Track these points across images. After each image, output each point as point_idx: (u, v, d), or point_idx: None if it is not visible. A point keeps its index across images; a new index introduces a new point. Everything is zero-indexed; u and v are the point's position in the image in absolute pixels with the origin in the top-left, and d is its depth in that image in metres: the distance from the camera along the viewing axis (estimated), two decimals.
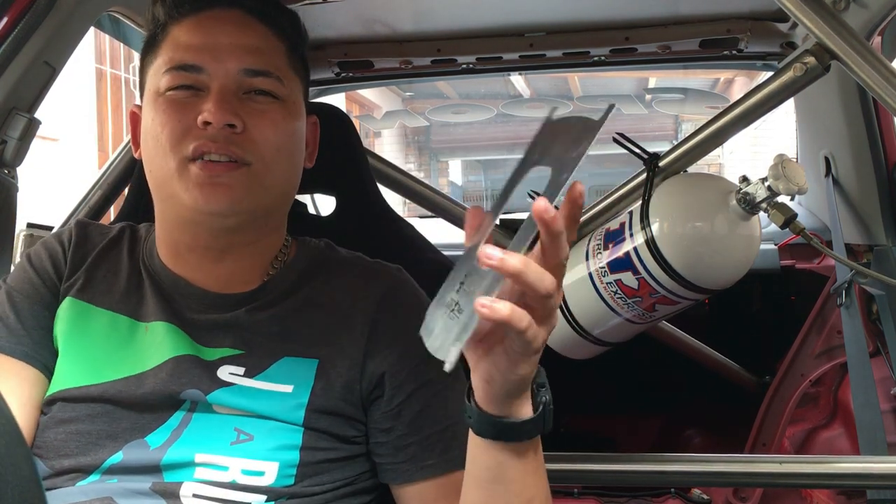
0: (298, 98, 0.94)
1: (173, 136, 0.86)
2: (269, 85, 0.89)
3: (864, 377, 1.67)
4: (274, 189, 0.91)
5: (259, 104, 0.89)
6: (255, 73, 0.89)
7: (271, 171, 0.89)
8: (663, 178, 1.39)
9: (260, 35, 0.91)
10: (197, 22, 0.90)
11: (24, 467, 0.48)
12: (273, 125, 0.89)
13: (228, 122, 0.85)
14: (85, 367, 0.89)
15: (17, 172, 1.32)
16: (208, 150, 0.85)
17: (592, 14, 1.69)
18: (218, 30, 0.89)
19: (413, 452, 0.88)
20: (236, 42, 0.89)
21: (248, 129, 0.87)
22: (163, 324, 0.90)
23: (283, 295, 0.93)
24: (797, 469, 1.43)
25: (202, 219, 0.88)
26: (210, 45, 0.88)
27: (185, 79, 0.88)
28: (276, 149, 0.89)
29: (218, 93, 0.86)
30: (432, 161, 12.27)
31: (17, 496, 0.46)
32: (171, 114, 0.87)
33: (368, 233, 1.18)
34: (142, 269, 0.96)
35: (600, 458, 1.53)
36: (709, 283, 1.30)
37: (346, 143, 1.18)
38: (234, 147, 0.86)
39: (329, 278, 0.95)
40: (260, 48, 0.90)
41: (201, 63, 0.88)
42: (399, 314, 0.92)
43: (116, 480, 0.83)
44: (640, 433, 2.27)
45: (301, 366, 0.88)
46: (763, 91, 1.32)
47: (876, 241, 1.74)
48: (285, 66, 0.93)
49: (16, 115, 1.25)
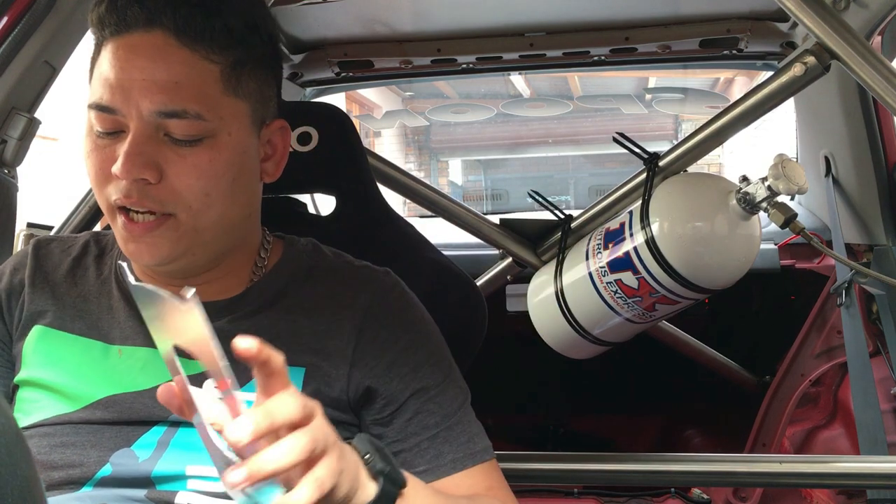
0: (236, 127, 0.83)
1: (97, 180, 0.82)
2: (185, 128, 0.79)
3: (864, 377, 1.67)
4: (213, 229, 0.84)
5: (180, 149, 0.80)
6: (168, 115, 0.79)
7: (203, 215, 0.82)
8: (663, 178, 1.39)
9: (180, 63, 0.79)
10: (115, 50, 0.81)
11: (24, 467, 0.48)
12: (196, 171, 0.80)
13: (138, 176, 0.79)
14: (63, 397, 0.87)
15: (17, 172, 1.32)
16: (125, 205, 0.80)
17: (592, 14, 1.69)
18: (131, 63, 0.79)
19: (403, 459, 0.87)
20: (149, 78, 0.79)
21: (167, 177, 0.80)
22: (143, 349, 0.88)
23: (267, 303, 0.90)
24: (797, 469, 1.43)
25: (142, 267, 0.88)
26: (124, 82, 0.79)
27: (104, 120, 0.81)
28: (203, 194, 0.81)
29: (131, 142, 0.79)
30: (432, 161, 12.26)
31: (17, 496, 0.46)
32: (93, 158, 0.82)
33: (368, 233, 1.18)
34: (113, 284, 0.93)
35: (600, 458, 1.53)
36: (709, 282, 1.30)
37: (346, 143, 1.18)
38: (148, 201, 0.80)
39: (315, 285, 0.92)
40: (178, 83, 0.79)
41: (114, 105, 0.80)
42: (387, 321, 0.90)
43: (110, 490, 0.82)
44: (640, 433, 2.27)
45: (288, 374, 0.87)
46: (763, 91, 1.32)
47: (876, 241, 1.74)
48: (219, 92, 0.81)
49: (16, 115, 1.26)
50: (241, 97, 0.84)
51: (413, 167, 11.32)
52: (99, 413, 0.85)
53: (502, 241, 1.67)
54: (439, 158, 12.23)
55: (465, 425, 0.89)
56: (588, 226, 1.54)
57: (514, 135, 10.62)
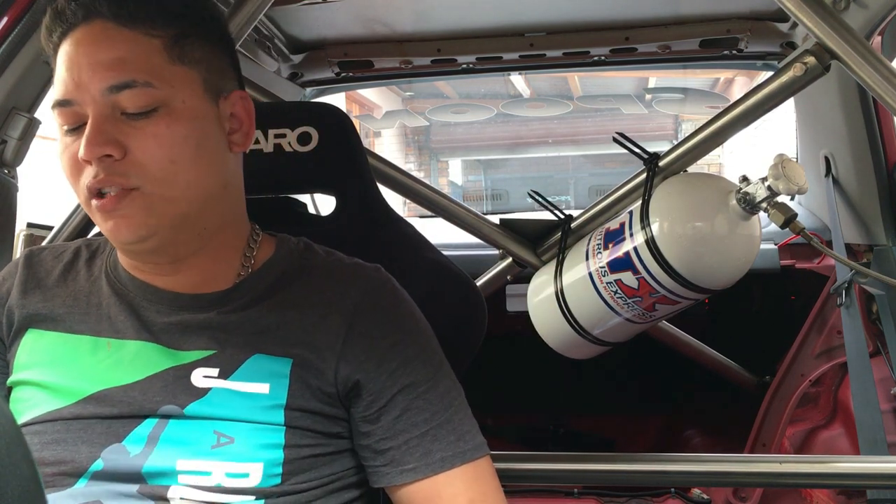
0: (189, 94, 0.85)
1: (71, 176, 0.85)
2: (137, 97, 0.82)
3: (864, 377, 1.67)
4: (183, 199, 0.85)
5: (136, 122, 0.82)
6: (118, 88, 0.82)
7: (170, 186, 0.84)
8: (663, 178, 1.39)
9: (122, 41, 0.83)
10: (65, 49, 0.85)
11: (24, 467, 0.48)
12: (156, 140, 0.83)
13: (102, 153, 0.81)
14: (54, 394, 0.88)
15: (17, 172, 1.32)
16: (97, 187, 0.82)
17: (592, 14, 1.69)
18: (78, 53, 0.83)
19: (392, 456, 0.87)
20: (93, 60, 0.83)
21: (131, 151, 0.82)
22: (133, 342, 0.89)
23: (257, 298, 0.91)
24: (797, 469, 1.43)
25: (125, 247, 0.88)
26: (74, 73, 0.83)
27: (66, 115, 0.84)
28: (168, 162, 0.83)
29: (91, 124, 0.82)
30: (432, 161, 12.26)
31: (17, 496, 0.46)
32: (64, 157, 0.85)
33: (368, 233, 1.18)
34: (104, 282, 0.94)
35: (600, 458, 1.53)
36: (709, 282, 1.30)
37: (346, 143, 1.18)
38: (115, 177, 0.82)
39: (306, 282, 0.93)
40: (122, 58, 0.83)
41: (70, 96, 0.83)
42: (376, 318, 0.90)
43: (102, 486, 0.83)
44: (640, 433, 2.28)
45: (274, 364, 0.86)
46: (763, 91, 1.32)
47: (876, 241, 1.75)
48: (164, 62, 0.84)
49: (16, 115, 1.26)
50: (189, 65, 0.86)
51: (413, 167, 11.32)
52: (90, 408, 0.86)
53: (502, 241, 1.67)
54: (439, 158, 12.23)
55: (456, 423, 0.89)
56: (588, 226, 1.54)
57: (514, 135, 10.62)
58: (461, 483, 0.87)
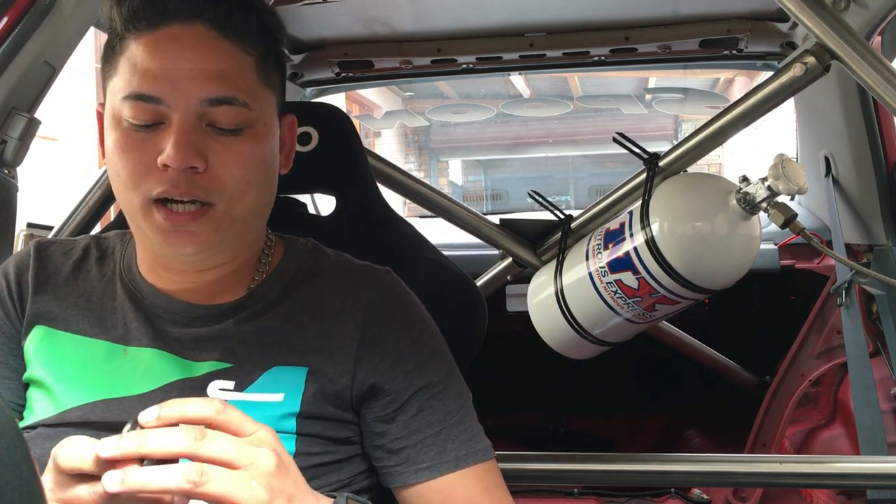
0: (269, 117, 0.86)
1: (134, 175, 0.81)
2: (233, 116, 0.82)
3: (864, 377, 1.67)
4: (244, 218, 0.86)
5: (224, 138, 0.82)
6: (218, 102, 0.81)
7: (239, 206, 0.84)
8: (663, 178, 1.39)
9: (224, 54, 0.82)
10: (155, 42, 0.81)
11: (24, 467, 0.48)
12: (240, 160, 0.82)
13: (189, 164, 0.79)
14: (63, 395, 0.87)
15: (17, 172, 1.32)
16: (172, 195, 0.80)
17: (592, 14, 1.69)
18: (176, 53, 0.80)
19: (407, 455, 0.87)
20: (197, 67, 0.80)
21: (212, 167, 0.81)
22: (148, 350, 0.88)
23: (270, 304, 0.90)
24: (797, 469, 1.43)
25: (169, 256, 0.87)
26: (169, 73, 0.80)
27: (143, 110, 0.81)
28: (245, 183, 0.83)
29: (178, 130, 0.79)
30: (432, 161, 12.26)
31: (17, 496, 0.46)
32: (130, 152, 0.81)
33: (368, 233, 1.18)
34: (118, 285, 0.92)
35: (600, 458, 1.53)
36: (709, 282, 1.30)
37: (346, 143, 1.18)
38: (197, 190, 0.80)
39: (317, 284, 0.92)
40: (224, 71, 0.81)
41: (158, 94, 0.80)
42: (389, 319, 0.90)
43: None
44: (640, 433, 2.28)
45: (291, 374, 0.86)
46: (763, 91, 1.32)
47: (876, 241, 1.75)
48: (255, 82, 0.84)
49: (16, 115, 1.25)
50: (271, 88, 0.87)
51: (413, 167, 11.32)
52: (99, 411, 0.85)
53: (502, 241, 1.67)
54: (439, 158, 12.24)
55: (468, 423, 0.90)
56: (588, 226, 1.54)
57: (514, 135, 10.62)
58: (474, 481, 0.87)
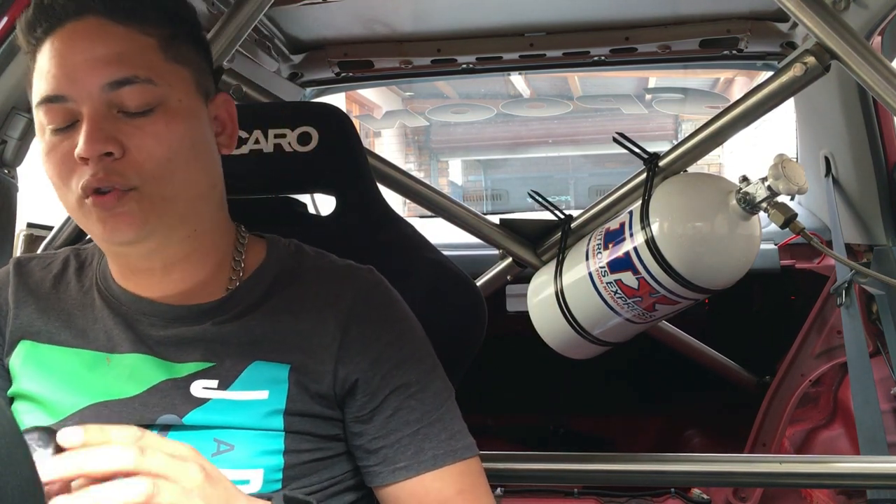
0: (184, 93, 0.86)
1: (61, 178, 0.82)
2: (137, 94, 0.81)
3: (864, 377, 1.67)
4: (178, 198, 0.85)
5: (136, 120, 0.81)
6: (119, 84, 0.80)
7: (167, 185, 0.83)
8: (663, 178, 1.39)
9: (119, 38, 0.82)
10: (52, 43, 0.82)
11: (24, 467, 0.48)
12: (155, 139, 0.82)
13: (102, 151, 0.79)
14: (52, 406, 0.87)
15: (17, 172, 1.32)
16: (94, 185, 0.80)
17: (592, 14, 1.69)
18: (71, 48, 0.81)
19: (385, 455, 0.87)
20: (91, 56, 0.81)
21: (128, 151, 0.80)
22: (130, 355, 0.88)
23: (252, 305, 0.90)
24: (797, 469, 1.43)
25: (120, 249, 0.86)
26: (67, 67, 0.81)
27: (56, 112, 0.81)
28: (166, 161, 0.82)
29: (88, 121, 0.80)
30: (432, 161, 12.26)
31: (17, 496, 0.46)
32: (53, 157, 0.82)
33: (368, 233, 1.18)
34: (96, 295, 0.93)
35: (600, 458, 1.53)
36: (709, 282, 1.30)
37: (346, 143, 1.18)
38: (115, 176, 0.80)
39: (299, 286, 0.92)
40: (121, 54, 0.81)
41: (62, 91, 0.81)
42: (370, 319, 0.90)
43: None
44: (640, 433, 2.27)
45: (273, 370, 0.86)
46: (763, 91, 1.32)
47: (876, 241, 1.75)
48: (160, 60, 0.84)
49: (16, 115, 1.26)
50: (182, 64, 0.86)
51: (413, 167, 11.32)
52: (88, 421, 0.85)
53: (502, 241, 1.67)
54: (439, 158, 12.23)
55: (447, 422, 0.89)
56: (588, 226, 1.54)
57: (514, 135, 10.62)
58: (451, 480, 0.87)
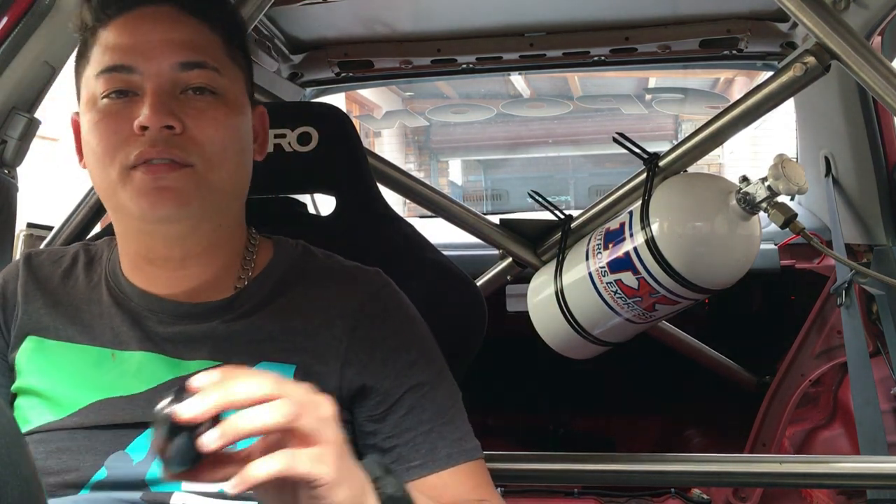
0: (240, 92, 0.90)
1: (111, 147, 0.83)
2: (205, 78, 0.85)
3: (864, 377, 1.67)
4: (222, 189, 0.87)
5: (198, 102, 0.85)
6: (190, 66, 0.84)
7: (217, 171, 0.85)
8: (663, 178, 1.39)
9: (192, 29, 0.86)
10: (125, 22, 0.85)
11: (24, 467, 0.48)
12: (215, 123, 0.85)
13: (166, 123, 0.81)
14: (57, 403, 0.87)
15: (17, 172, 1.32)
16: (150, 157, 0.81)
17: (592, 14, 1.69)
18: (147, 27, 0.85)
19: (399, 453, 0.87)
20: (167, 37, 0.84)
21: (188, 129, 0.83)
22: (137, 353, 0.88)
23: (259, 304, 0.90)
24: (797, 469, 1.43)
25: (151, 227, 0.86)
26: (140, 43, 0.84)
27: (117, 81, 0.83)
28: (222, 148, 0.85)
29: (153, 94, 0.82)
30: (432, 161, 12.26)
31: (17, 496, 0.46)
32: (106, 124, 0.83)
33: (368, 233, 1.18)
34: (104, 290, 0.93)
35: (600, 458, 1.53)
36: (709, 282, 1.30)
37: (346, 143, 1.18)
38: (175, 149, 0.82)
39: (307, 286, 0.93)
40: (193, 41, 0.86)
41: (132, 63, 0.83)
42: (379, 320, 0.90)
43: (105, 495, 0.82)
44: (640, 433, 2.27)
45: (279, 371, 0.85)
46: (763, 91, 1.32)
47: (876, 241, 1.75)
48: (223, 56, 0.88)
49: (16, 115, 1.26)
50: (238, 66, 0.90)
51: (413, 167, 11.32)
52: (93, 417, 0.85)
53: (502, 241, 1.67)
54: (439, 158, 12.23)
55: (458, 423, 0.90)
56: (588, 226, 1.54)
57: (514, 135, 10.62)
58: (463, 478, 0.87)
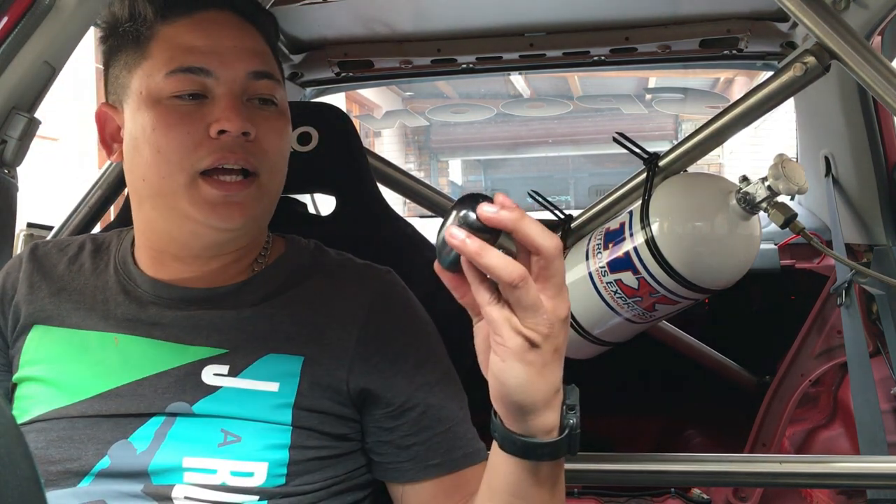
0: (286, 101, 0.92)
1: (182, 149, 0.82)
2: (271, 88, 0.87)
3: (864, 377, 1.67)
4: (276, 195, 0.90)
5: (263, 112, 0.87)
6: (260, 76, 0.86)
7: (275, 180, 0.88)
8: (663, 178, 1.40)
9: (255, 38, 0.89)
10: (195, 24, 0.86)
11: (24, 467, 0.48)
12: (277, 133, 0.87)
13: (245, 129, 0.82)
14: (61, 391, 0.87)
15: (17, 172, 1.32)
16: (226, 162, 0.82)
17: (592, 14, 1.69)
18: (219, 31, 0.86)
19: (416, 452, 0.88)
20: (240, 44, 0.86)
21: (257, 137, 0.84)
22: (140, 338, 0.88)
23: (269, 294, 0.91)
24: (797, 469, 1.43)
25: (209, 233, 0.87)
26: (216, 48, 0.85)
27: (192, 83, 0.84)
28: (282, 157, 0.88)
29: (230, 98, 0.83)
30: (432, 161, 12.28)
31: (17, 496, 0.46)
32: (178, 125, 0.82)
33: (368, 233, 1.18)
34: (111, 275, 0.93)
35: (600, 458, 1.53)
36: (709, 282, 1.30)
37: (346, 143, 1.18)
38: (250, 157, 0.83)
39: (318, 280, 0.93)
40: (259, 50, 0.88)
41: (209, 66, 0.84)
42: (389, 318, 0.91)
43: (107, 485, 0.82)
44: (640, 433, 2.27)
45: (285, 363, 0.86)
46: (763, 91, 1.32)
47: (876, 241, 1.75)
48: (277, 67, 0.91)
49: (16, 115, 1.25)
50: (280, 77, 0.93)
51: (413, 167, 11.33)
52: (97, 406, 0.86)
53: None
54: (439, 158, 12.25)
55: (469, 423, 0.91)
56: (588, 226, 1.54)
57: (514, 135, 10.64)
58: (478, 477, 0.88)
